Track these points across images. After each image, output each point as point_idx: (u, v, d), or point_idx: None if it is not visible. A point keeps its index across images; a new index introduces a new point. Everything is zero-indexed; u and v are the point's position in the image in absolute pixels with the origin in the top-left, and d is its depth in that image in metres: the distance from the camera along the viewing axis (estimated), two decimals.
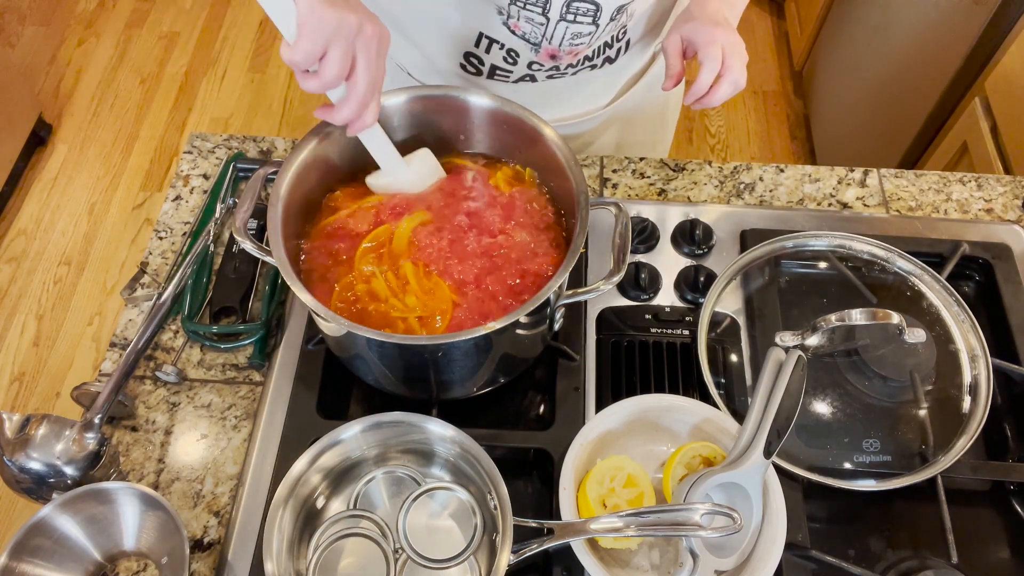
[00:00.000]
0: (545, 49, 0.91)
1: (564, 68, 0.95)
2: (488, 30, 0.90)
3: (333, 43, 0.66)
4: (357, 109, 0.71)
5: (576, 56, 0.93)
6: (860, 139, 2.11)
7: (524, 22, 0.87)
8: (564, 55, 0.92)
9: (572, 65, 0.95)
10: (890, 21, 1.90)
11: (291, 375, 0.89)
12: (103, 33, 2.76)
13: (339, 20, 0.65)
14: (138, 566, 0.80)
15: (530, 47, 0.91)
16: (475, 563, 0.76)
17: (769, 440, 0.74)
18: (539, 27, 0.87)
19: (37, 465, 0.78)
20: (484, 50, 0.93)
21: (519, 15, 0.86)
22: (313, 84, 0.68)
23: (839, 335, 0.88)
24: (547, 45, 0.90)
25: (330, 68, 0.67)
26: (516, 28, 0.88)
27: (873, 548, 0.81)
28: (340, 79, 0.68)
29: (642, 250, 1.00)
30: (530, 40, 0.90)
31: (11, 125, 2.29)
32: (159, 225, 1.04)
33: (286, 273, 0.72)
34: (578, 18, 0.87)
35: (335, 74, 0.67)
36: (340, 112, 0.72)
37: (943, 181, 1.10)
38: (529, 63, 0.94)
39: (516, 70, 0.95)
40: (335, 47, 0.66)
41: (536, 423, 0.89)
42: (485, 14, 0.88)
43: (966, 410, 0.86)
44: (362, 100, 0.71)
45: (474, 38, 0.92)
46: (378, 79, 0.71)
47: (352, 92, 0.70)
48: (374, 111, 0.73)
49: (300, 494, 0.76)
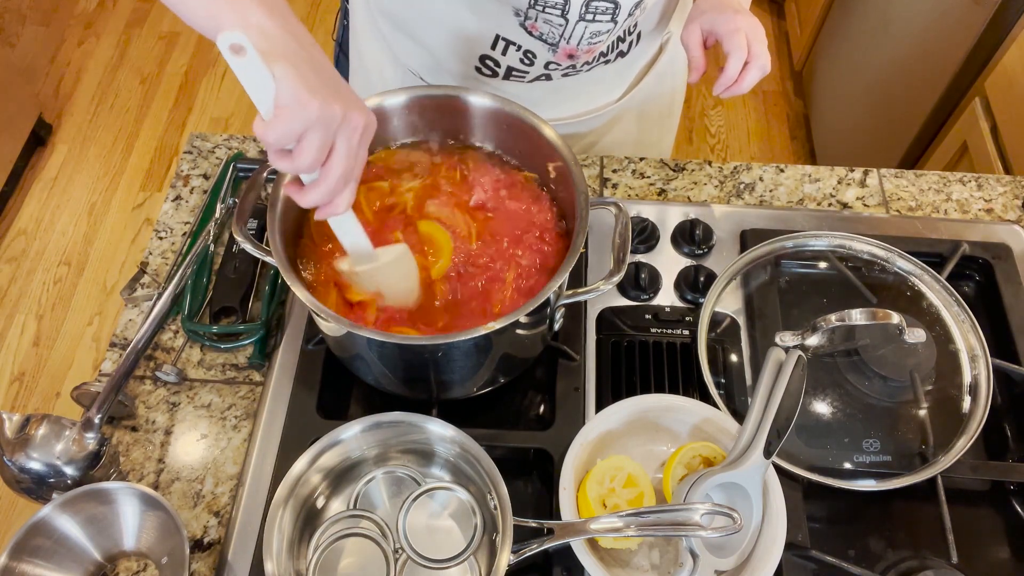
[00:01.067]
0: (563, 49, 0.90)
1: (580, 66, 0.95)
2: (505, 32, 0.90)
3: (312, 130, 0.60)
4: (326, 196, 0.66)
5: (592, 54, 0.93)
6: (860, 139, 2.11)
7: (542, 23, 0.87)
8: (582, 54, 0.92)
9: (588, 63, 0.95)
10: (890, 21, 1.90)
11: (291, 375, 0.89)
12: (103, 33, 2.76)
13: (322, 109, 0.59)
14: (138, 566, 0.80)
15: (548, 48, 0.91)
16: (475, 563, 0.76)
17: (769, 440, 0.74)
18: (558, 28, 0.87)
19: (37, 465, 0.78)
20: (500, 52, 0.92)
21: (537, 17, 0.86)
22: (284, 165, 0.62)
23: (839, 335, 0.88)
24: (565, 45, 0.90)
25: (305, 155, 0.61)
26: (534, 29, 0.88)
27: (873, 548, 0.81)
28: (314, 167, 0.63)
29: (642, 250, 1.00)
30: (547, 41, 0.89)
31: (11, 125, 2.29)
32: (159, 225, 1.04)
33: (286, 273, 0.72)
34: (597, 17, 0.86)
35: (309, 162, 0.61)
36: (308, 196, 0.66)
37: (943, 181, 1.10)
38: (546, 63, 0.93)
39: (532, 70, 0.95)
40: (313, 134, 0.60)
41: (536, 423, 0.89)
42: (502, 16, 0.87)
43: (966, 410, 0.86)
44: (333, 188, 0.65)
45: (490, 40, 0.91)
46: (355, 169, 0.66)
47: (324, 179, 0.64)
48: (347, 199, 0.67)
49: (300, 494, 0.76)
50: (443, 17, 0.91)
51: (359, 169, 0.67)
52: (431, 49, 0.97)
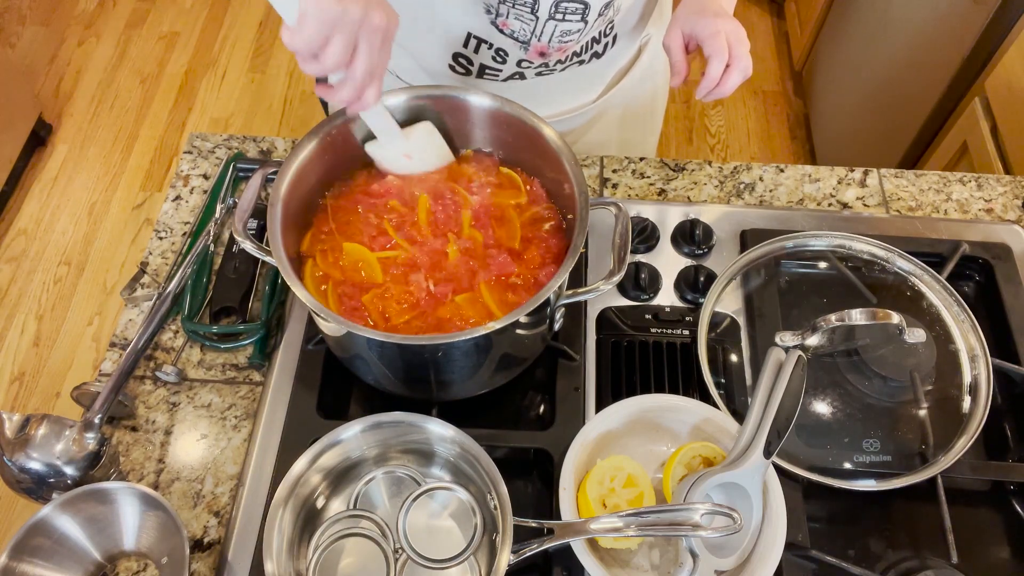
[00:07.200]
0: (535, 47, 0.91)
1: (553, 65, 0.96)
2: (476, 30, 0.90)
3: (336, 33, 0.66)
4: (354, 93, 0.73)
5: (565, 52, 0.94)
6: (860, 139, 2.11)
7: (513, 19, 0.87)
8: (553, 52, 0.93)
9: (561, 61, 0.96)
10: (890, 21, 1.90)
11: (291, 375, 0.89)
12: (103, 33, 2.76)
13: (343, 11, 0.66)
14: (138, 566, 0.80)
15: (519, 45, 0.91)
16: (475, 563, 0.76)
17: (769, 440, 0.74)
18: (528, 24, 0.88)
19: (37, 465, 0.78)
20: (473, 50, 0.93)
21: (508, 13, 0.86)
22: (312, 68, 0.69)
23: (839, 335, 0.88)
24: (536, 43, 0.90)
25: (330, 57, 0.68)
26: (504, 27, 0.88)
27: (873, 548, 0.81)
28: (340, 67, 0.69)
29: (642, 250, 1.00)
30: (519, 38, 0.90)
31: (11, 125, 2.29)
32: (159, 225, 1.04)
33: (286, 273, 0.72)
34: (567, 17, 0.87)
35: (335, 62, 0.68)
36: (338, 93, 0.73)
37: (943, 181, 1.10)
38: (518, 61, 0.94)
39: (505, 68, 0.95)
40: (337, 37, 0.67)
41: (536, 423, 0.89)
42: (473, 14, 0.88)
43: (966, 410, 0.86)
44: (359, 85, 0.72)
45: (463, 39, 0.92)
46: (378, 66, 0.72)
47: (350, 78, 0.71)
48: (374, 93, 0.74)
49: (300, 494, 0.76)
50: (417, 16, 0.92)
51: (383, 66, 0.73)
52: (406, 47, 0.98)
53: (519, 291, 0.80)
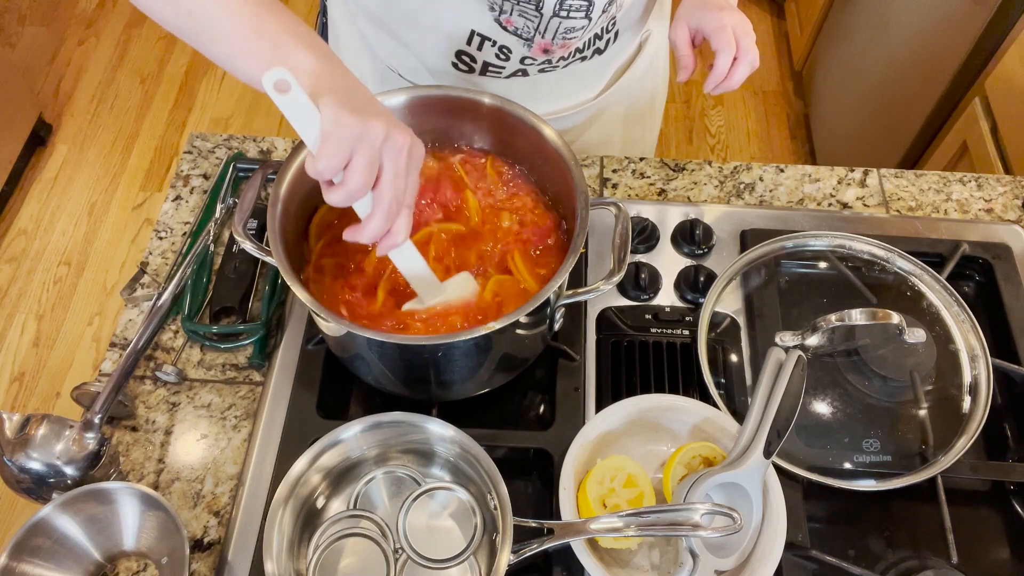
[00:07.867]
0: (538, 44, 0.91)
1: (556, 61, 0.96)
2: (480, 27, 0.90)
3: (357, 151, 0.61)
4: (384, 223, 0.65)
5: (568, 49, 0.94)
6: (860, 139, 2.11)
7: (517, 16, 0.87)
8: (557, 48, 0.92)
9: (564, 58, 0.96)
10: (890, 21, 1.90)
11: (291, 375, 0.89)
12: (103, 33, 2.76)
13: (364, 127, 0.61)
14: (138, 566, 0.80)
15: (523, 42, 0.91)
16: (475, 563, 0.76)
17: (769, 440, 0.74)
18: (532, 21, 0.87)
19: (37, 465, 0.78)
20: (476, 47, 0.93)
21: (512, 10, 0.86)
22: (337, 195, 0.63)
23: (839, 335, 0.88)
24: (540, 39, 0.90)
25: (354, 176, 0.62)
26: (508, 24, 0.88)
27: (873, 548, 0.81)
28: (365, 188, 0.63)
29: (642, 250, 1.00)
30: (523, 36, 0.90)
31: (11, 125, 2.29)
32: (159, 225, 1.04)
33: (286, 273, 0.72)
34: (571, 14, 0.87)
35: (359, 183, 0.62)
36: (367, 228, 0.65)
37: (943, 181, 1.10)
38: (522, 58, 0.94)
39: (509, 66, 0.95)
40: (359, 155, 0.61)
41: (536, 423, 0.89)
42: (478, 11, 0.88)
43: (966, 410, 0.86)
44: (388, 211, 0.64)
45: (466, 36, 0.92)
46: (407, 192, 0.66)
47: (377, 206, 0.64)
48: (405, 226, 0.67)
49: (300, 494, 0.76)
50: (420, 13, 0.92)
51: (412, 195, 0.66)
52: (409, 45, 0.98)
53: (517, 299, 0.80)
